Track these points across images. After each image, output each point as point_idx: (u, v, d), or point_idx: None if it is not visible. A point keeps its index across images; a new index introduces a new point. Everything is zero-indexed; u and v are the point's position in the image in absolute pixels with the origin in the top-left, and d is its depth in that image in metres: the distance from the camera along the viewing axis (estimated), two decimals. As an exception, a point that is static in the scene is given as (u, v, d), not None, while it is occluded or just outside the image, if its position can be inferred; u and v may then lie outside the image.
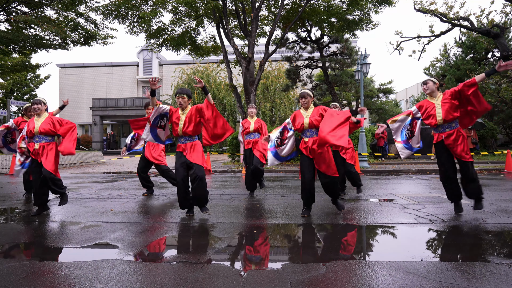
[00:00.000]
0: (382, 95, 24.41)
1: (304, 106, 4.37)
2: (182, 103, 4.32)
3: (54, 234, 3.64)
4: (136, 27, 13.23)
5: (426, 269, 2.50)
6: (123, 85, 34.88)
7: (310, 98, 4.36)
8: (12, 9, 13.13)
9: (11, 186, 8.03)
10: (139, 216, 4.46)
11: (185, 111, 4.34)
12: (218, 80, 26.77)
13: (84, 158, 15.52)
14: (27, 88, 27.11)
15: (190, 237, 3.57)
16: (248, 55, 12.21)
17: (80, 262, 2.75)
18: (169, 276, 2.44)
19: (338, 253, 2.98)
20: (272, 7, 13.68)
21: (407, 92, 39.55)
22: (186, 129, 4.27)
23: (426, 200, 5.36)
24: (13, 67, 17.50)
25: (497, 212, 4.37)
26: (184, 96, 4.32)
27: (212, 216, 4.42)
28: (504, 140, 22.81)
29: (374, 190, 6.56)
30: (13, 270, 2.59)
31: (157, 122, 4.47)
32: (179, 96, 4.33)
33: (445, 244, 3.25)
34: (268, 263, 2.77)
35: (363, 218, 4.19)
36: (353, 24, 13.22)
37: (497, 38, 13.52)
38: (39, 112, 4.55)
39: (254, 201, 5.48)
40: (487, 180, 7.97)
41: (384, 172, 10.26)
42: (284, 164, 12.81)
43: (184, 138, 4.33)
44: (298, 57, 18.02)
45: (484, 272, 2.43)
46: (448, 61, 20.19)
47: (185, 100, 4.33)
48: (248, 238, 3.51)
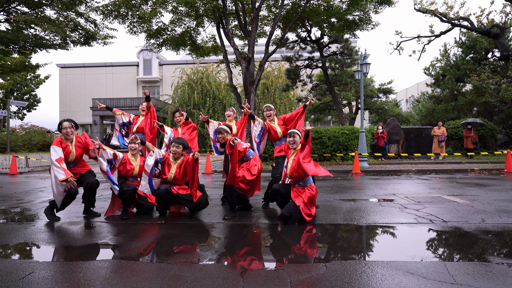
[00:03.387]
0: (382, 95, 24.39)
1: (270, 119, 4.93)
2: (176, 153, 4.28)
3: (54, 234, 3.64)
4: (136, 27, 13.23)
5: (426, 269, 2.50)
6: (123, 85, 34.89)
7: (272, 111, 4.97)
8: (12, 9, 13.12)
9: (11, 186, 8.03)
10: (139, 216, 4.46)
11: (177, 161, 4.33)
12: (218, 80, 26.76)
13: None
14: (27, 88, 27.10)
15: (190, 237, 3.57)
16: (248, 55, 12.21)
17: (80, 262, 2.75)
18: (169, 276, 2.44)
19: (338, 253, 2.98)
20: (272, 7, 13.67)
21: (407, 92, 39.55)
22: (176, 177, 4.29)
23: (426, 200, 5.36)
24: (13, 67, 17.49)
25: (497, 212, 4.37)
26: (180, 146, 4.28)
27: (212, 216, 4.42)
28: (504, 140, 22.81)
29: (374, 190, 6.56)
30: (13, 270, 2.59)
31: (153, 171, 4.38)
32: (174, 145, 4.29)
33: (445, 244, 3.25)
34: (268, 263, 2.77)
35: (363, 218, 4.19)
36: (353, 24, 13.21)
37: (497, 38, 13.52)
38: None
39: (254, 201, 5.47)
40: (487, 180, 7.97)
41: (384, 172, 10.26)
42: (284, 164, 12.80)
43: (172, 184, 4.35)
44: (298, 57, 18.02)
45: (484, 272, 2.43)
46: (448, 61, 20.19)
47: (179, 151, 4.29)
48: (248, 238, 3.51)
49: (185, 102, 25.47)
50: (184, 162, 4.24)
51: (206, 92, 25.91)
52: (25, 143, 14.09)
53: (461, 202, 5.13)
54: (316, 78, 21.40)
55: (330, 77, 17.72)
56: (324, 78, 18.19)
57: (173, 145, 4.29)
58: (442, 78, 20.08)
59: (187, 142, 4.48)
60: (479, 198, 5.41)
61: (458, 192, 6.04)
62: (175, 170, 4.27)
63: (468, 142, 13.96)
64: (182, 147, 4.30)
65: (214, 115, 25.70)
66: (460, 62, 18.94)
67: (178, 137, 4.83)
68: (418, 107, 26.17)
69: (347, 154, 12.86)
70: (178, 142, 4.28)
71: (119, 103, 27.42)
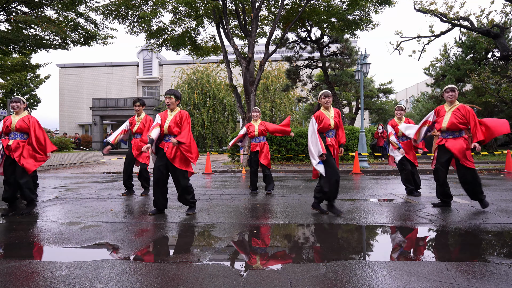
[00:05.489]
0: (382, 95, 24.40)
1: (325, 106, 4.46)
2: (170, 104, 4.46)
3: (54, 234, 3.64)
4: (136, 27, 13.22)
5: (426, 269, 2.50)
6: (123, 85, 34.89)
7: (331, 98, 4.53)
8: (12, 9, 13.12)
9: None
10: (139, 216, 4.46)
11: (173, 112, 4.48)
12: (218, 80, 26.77)
13: (84, 158, 15.51)
14: (27, 88, 27.09)
15: (190, 237, 3.57)
16: (248, 55, 12.20)
17: (80, 262, 2.75)
18: (169, 276, 2.44)
19: (338, 253, 2.98)
20: (272, 7, 13.67)
21: (407, 92, 39.56)
22: (171, 129, 4.37)
23: (426, 200, 5.36)
24: (13, 67, 17.49)
25: (497, 212, 4.37)
26: (171, 97, 4.44)
27: (212, 216, 4.42)
28: (504, 140, 22.80)
29: (374, 190, 6.56)
30: (13, 270, 2.59)
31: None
32: (167, 97, 4.47)
33: (445, 244, 3.25)
34: (268, 263, 2.77)
35: (363, 218, 4.19)
36: (353, 24, 13.20)
37: (497, 38, 13.52)
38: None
39: (254, 201, 5.48)
40: (487, 180, 7.96)
41: (384, 172, 10.26)
42: (284, 164, 12.81)
43: (169, 136, 4.41)
44: (298, 57, 18.02)
45: (484, 272, 2.43)
46: (448, 61, 20.17)
47: (172, 101, 4.44)
48: (248, 238, 3.51)
49: (185, 102, 25.47)
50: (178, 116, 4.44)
51: (206, 92, 25.91)
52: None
53: (461, 202, 5.14)
54: (316, 78, 21.40)
55: (330, 77, 17.72)
56: (324, 78, 18.19)
57: (166, 97, 4.48)
58: (442, 78, 20.06)
59: (179, 92, 4.64)
60: (479, 198, 5.41)
61: (458, 192, 6.05)
62: (171, 120, 4.41)
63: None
64: (175, 98, 4.45)
65: (214, 115, 25.71)
66: (460, 62, 18.93)
67: (169, 89, 5.00)
68: (418, 107, 26.18)
69: (347, 154, 12.86)
70: (169, 94, 4.46)
71: (119, 103, 27.43)
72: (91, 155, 16.45)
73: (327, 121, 4.36)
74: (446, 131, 4.55)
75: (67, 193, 6.55)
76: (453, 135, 4.50)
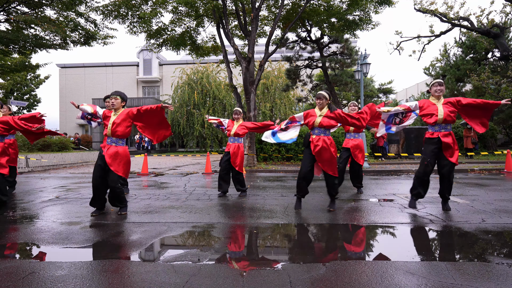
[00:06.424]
0: (382, 95, 24.42)
1: (319, 107, 4.64)
2: (115, 104, 4.44)
3: (54, 234, 3.64)
4: (136, 27, 13.21)
5: (426, 269, 2.50)
6: (123, 85, 34.89)
7: (325, 100, 4.61)
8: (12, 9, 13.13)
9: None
10: (139, 216, 4.46)
11: (116, 112, 4.48)
12: (218, 80, 26.76)
13: (84, 158, 15.51)
14: (27, 88, 27.11)
15: (190, 237, 3.57)
16: (248, 55, 12.20)
17: (80, 262, 2.75)
18: (169, 276, 2.44)
19: (338, 253, 2.98)
20: (272, 7, 13.66)
21: (407, 92, 39.54)
22: (115, 129, 4.36)
23: (426, 200, 5.36)
24: (13, 67, 17.49)
25: (497, 212, 4.37)
26: (117, 97, 4.45)
27: (212, 216, 4.42)
28: (504, 140, 22.81)
29: (374, 190, 6.56)
30: (13, 270, 2.59)
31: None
32: (112, 97, 4.46)
33: (445, 244, 3.25)
34: (268, 263, 2.77)
35: (363, 218, 4.19)
36: (353, 24, 13.20)
37: (497, 38, 13.52)
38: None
39: (254, 201, 5.48)
40: (487, 180, 7.96)
41: (384, 172, 10.26)
42: (284, 164, 12.81)
43: (111, 139, 4.41)
44: (298, 57, 18.00)
45: (484, 272, 2.43)
46: (448, 61, 20.19)
47: (118, 102, 4.46)
48: (248, 238, 3.51)
49: (185, 102, 25.47)
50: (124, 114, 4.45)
51: (206, 92, 25.91)
52: (25, 143, 14.08)
53: (461, 202, 5.14)
54: (316, 78, 21.40)
55: (330, 77, 17.72)
56: (324, 78, 18.18)
57: (110, 98, 4.50)
58: (442, 78, 20.07)
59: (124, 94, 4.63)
60: (479, 198, 5.41)
61: (458, 192, 6.04)
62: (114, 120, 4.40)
63: (468, 142, 13.96)
64: (120, 99, 4.48)
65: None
66: (460, 62, 18.94)
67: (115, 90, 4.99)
68: (418, 107, 26.11)
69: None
70: (115, 94, 4.48)
71: (119, 103, 27.31)
72: (91, 155, 16.45)
73: (312, 118, 4.59)
74: (440, 125, 4.38)
75: (67, 193, 6.54)
76: (445, 129, 4.36)
